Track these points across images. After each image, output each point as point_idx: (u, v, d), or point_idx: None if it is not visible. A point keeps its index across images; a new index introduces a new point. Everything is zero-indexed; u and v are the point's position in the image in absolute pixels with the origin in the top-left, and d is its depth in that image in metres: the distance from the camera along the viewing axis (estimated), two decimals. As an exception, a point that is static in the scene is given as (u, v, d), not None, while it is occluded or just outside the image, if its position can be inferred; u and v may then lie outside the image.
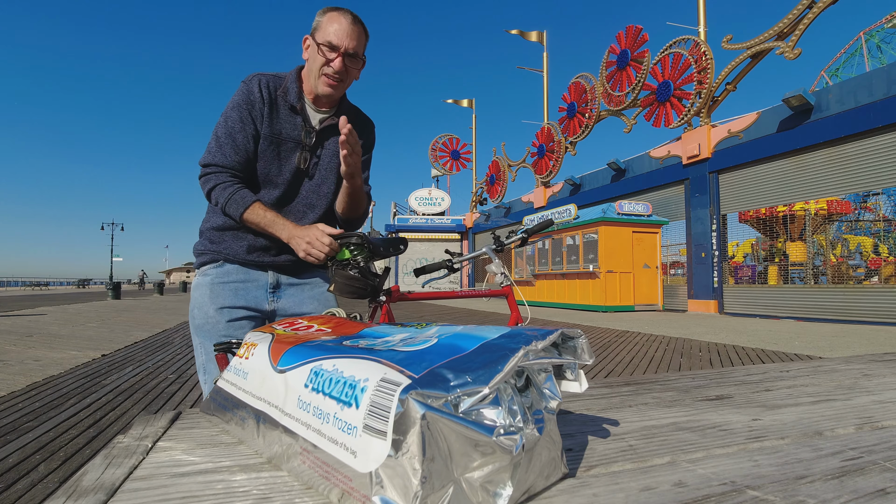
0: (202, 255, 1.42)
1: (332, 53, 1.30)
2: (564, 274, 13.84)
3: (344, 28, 1.30)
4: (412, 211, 26.78)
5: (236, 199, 1.28)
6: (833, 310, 9.04)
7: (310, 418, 0.34)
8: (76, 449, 2.39)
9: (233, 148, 1.31)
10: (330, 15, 1.32)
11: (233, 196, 1.28)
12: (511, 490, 0.29)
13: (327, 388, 0.34)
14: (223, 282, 1.38)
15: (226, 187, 1.28)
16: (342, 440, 0.31)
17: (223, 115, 1.34)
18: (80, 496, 0.36)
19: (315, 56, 1.31)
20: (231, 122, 1.32)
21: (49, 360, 4.93)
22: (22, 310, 12.34)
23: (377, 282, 1.50)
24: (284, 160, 1.38)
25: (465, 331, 0.37)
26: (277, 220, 1.30)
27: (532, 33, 20.72)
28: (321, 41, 1.30)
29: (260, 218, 1.29)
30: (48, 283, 72.80)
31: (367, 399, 0.30)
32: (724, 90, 11.27)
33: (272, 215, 1.30)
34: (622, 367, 4.66)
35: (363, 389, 0.31)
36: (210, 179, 1.30)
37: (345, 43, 1.31)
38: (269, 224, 1.29)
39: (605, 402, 0.64)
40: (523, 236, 2.05)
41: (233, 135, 1.31)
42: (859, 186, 9.02)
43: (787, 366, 0.88)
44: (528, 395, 0.33)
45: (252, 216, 1.29)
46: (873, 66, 26.48)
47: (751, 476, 0.38)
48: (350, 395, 0.31)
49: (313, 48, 1.31)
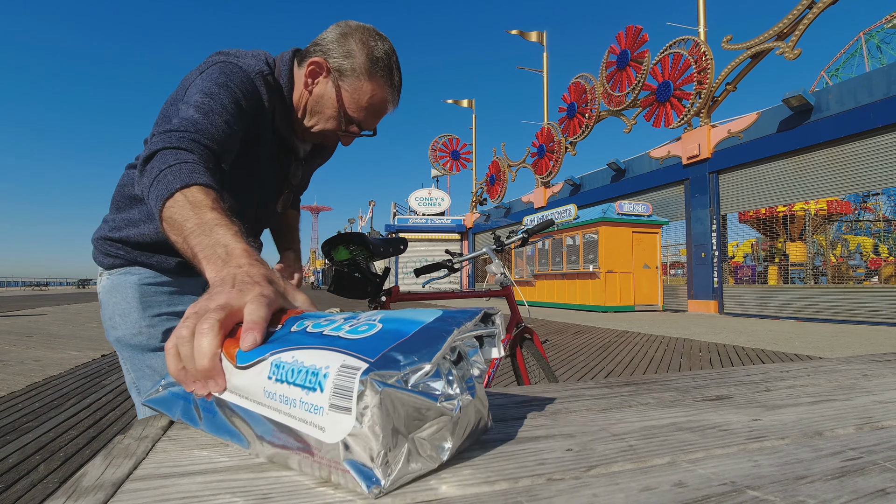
0: (114, 258, 1.08)
1: (349, 128, 1.02)
2: (564, 274, 13.84)
3: (381, 108, 1.01)
4: (412, 211, 26.79)
5: (186, 169, 0.71)
6: (833, 310, 9.04)
7: (277, 405, 0.39)
8: (76, 449, 2.39)
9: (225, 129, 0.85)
10: (377, 81, 0.97)
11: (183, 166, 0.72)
12: (451, 443, 0.38)
13: (290, 377, 0.38)
14: (155, 283, 1.09)
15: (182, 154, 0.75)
16: (310, 419, 0.36)
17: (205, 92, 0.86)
18: (80, 496, 0.36)
19: (324, 105, 0.99)
20: (225, 105, 0.86)
21: (49, 360, 4.93)
22: (22, 310, 12.34)
23: (377, 282, 1.50)
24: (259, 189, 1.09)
25: (404, 315, 0.43)
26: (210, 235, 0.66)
27: (532, 33, 20.73)
28: (348, 106, 0.97)
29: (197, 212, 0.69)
30: (48, 283, 72.85)
31: (330, 383, 0.35)
32: (724, 90, 11.27)
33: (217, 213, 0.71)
34: (622, 367, 4.66)
35: (325, 375, 0.35)
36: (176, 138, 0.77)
37: (370, 125, 1.03)
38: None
39: (605, 402, 0.64)
40: (524, 236, 2.05)
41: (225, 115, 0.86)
42: (859, 186, 9.02)
43: (787, 366, 0.88)
44: (461, 367, 0.40)
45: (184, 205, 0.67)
46: (873, 66, 26.49)
47: (751, 476, 0.38)
48: (314, 382, 0.36)
49: (329, 97, 0.97)
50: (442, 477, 0.39)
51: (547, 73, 19.85)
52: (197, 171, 0.72)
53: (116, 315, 1.09)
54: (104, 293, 1.11)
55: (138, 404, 1.13)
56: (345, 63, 0.95)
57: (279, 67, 0.99)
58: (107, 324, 1.11)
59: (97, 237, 1.11)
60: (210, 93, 0.86)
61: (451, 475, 0.39)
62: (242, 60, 0.94)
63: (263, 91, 0.94)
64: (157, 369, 1.10)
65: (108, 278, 1.11)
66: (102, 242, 1.10)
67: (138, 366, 1.10)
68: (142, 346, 1.08)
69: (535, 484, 0.38)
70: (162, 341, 1.09)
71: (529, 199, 19.35)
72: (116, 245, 1.09)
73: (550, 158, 17.47)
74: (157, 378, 1.10)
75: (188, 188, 0.67)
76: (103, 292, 1.11)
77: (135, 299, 1.08)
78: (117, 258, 1.09)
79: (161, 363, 1.09)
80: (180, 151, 0.75)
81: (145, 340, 1.08)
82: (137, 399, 1.13)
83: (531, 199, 19.17)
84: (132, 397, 1.16)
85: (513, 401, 0.66)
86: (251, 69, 0.94)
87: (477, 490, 0.37)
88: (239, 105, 0.89)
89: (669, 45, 12.30)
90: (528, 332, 2.01)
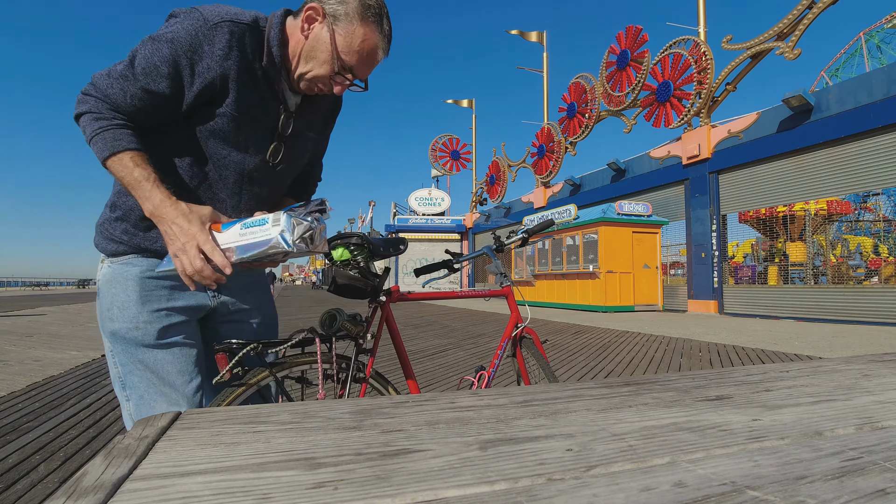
0: (118, 244, 1.10)
1: (342, 73, 1.06)
2: (564, 274, 13.84)
3: (372, 54, 1.06)
4: (412, 211, 26.78)
5: (108, 136, 0.95)
6: (833, 310, 9.04)
7: (247, 234, 1.00)
8: (76, 449, 2.39)
9: (140, 94, 0.97)
10: (368, 26, 1.03)
11: (106, 131, 0.95)
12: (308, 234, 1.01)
13: (251, 225, 1.00)
14: (156, 276, 1.09)
15: (100, 118, 0.96)
16: (264, 232, 0.98)
17: (153, 40, 0.98)
18: (80, 496, 0.36)
19: (318, 50, 1.04)
20: (159, 59, 0.97)
21: (49, 360, 4.92)
22: (22, 310, 12.34)
23: (377, 282, 1.50)
24: (249, 148, 1.11)
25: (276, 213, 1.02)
26: (147, 184, 0.96)
27: (532, 33, 20.72)
28: (341, 48, 1.03)
29: (126, 172, 0.96)
30: (48, 283, 72.82)
31: (270, 220, 0.99)
32: (724, 90, 11.27)
33: (142, 174, 0.96)
34: (622, 367, 4.66)
35: (265, 220, 0.99)
36: (88, 102, 0.97)
37: (362, 73, 1.08)
38: (133, 184, 0.96)
39: (605, 402, 0.64)
40: (524, 236, 2.05)
41: (151, 74, 0.97)
42: (859, 186, 9.02)
43: (787, 366, 0.88)
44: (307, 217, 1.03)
45: (117, 167, 0.96)
46: (873, 66, 26.48)
47: (751, 476, 0.38)
48: (262, 222, 0.99)
49: (323, 40, 1.03)
50: (442, 477, 0.39)
51: (547, 73, 19.85)
52: (125, 139, 0.97)
53: (115, 307, 1.08)
54: (104, 283, 1.11)
55: (122, 399, 1.12)
56: (339, 8, 1.02)
57: (270, 22, 1.06)
58: (103, 315, 1.10)
59: (101, 221, 1.13)
60: (155, 44, 0.97)
61: (451, 475, 0.39)
62: (209, 11, 1.00)
63: (223, 40, 0.99)
64: (148, 365, 1.08)
65: (109, 266, 1.11)
66: (106, 225, 1.11)
67: (129, 360, 1.09)
68: (137, 341, 1.07)
69: (535, 484, 0.38)
70: (158, 339, 1.08)
71: (529, 199, 19.35)
72: (119, 226, 1.09)
73: (550, 158, 17.46)
74: (146, 374, 1.09)
75: (123, 153, 0.96)
76: (103, 281, 1.11)
77: (135, 292, 1.08)
78: (121, 244, 1.09)
79: (154, 360, 1.09)
80: (102, 117, 0.97)
81: (141, 336, 1.07)
82: (122, 394, 1.11)
83: (531, 199, 19.16)
84: (116, 392, 1.14)
85: (513, 401, 0.66)
86: (213, 18, 0.99)
87: (477, 490, 0.37)
88: (179, 60, 0.98)
89: (669, 45, 12.30)
90: (528, 332, 2.01)
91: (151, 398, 1.10)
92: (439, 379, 4.05)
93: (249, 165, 1.12)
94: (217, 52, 0.99)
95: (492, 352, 5.42)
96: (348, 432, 0.54)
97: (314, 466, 0.42)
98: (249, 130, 1.09)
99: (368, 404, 0.67)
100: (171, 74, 0.98)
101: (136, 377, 1.09)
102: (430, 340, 6.44)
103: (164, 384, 1.10)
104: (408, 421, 0.58)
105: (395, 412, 0.62)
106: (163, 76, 0.97)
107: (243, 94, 1.05)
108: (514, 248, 2.07)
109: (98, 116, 0.96)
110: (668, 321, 9.34)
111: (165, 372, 1.10)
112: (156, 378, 1.10)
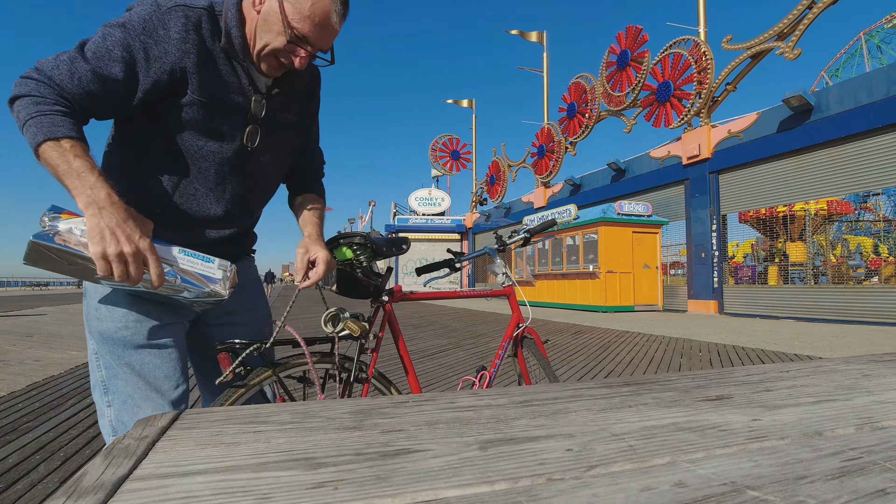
0: None
1: (298, 45, 1.02)
2: (564, 274, 13.84)
3: (325, 20, 1.02)
4: (412, 211, 26.79)
5: (45, 121, 0.87)
6: (833, 310, 9.03)
7: (186, 260, 1.01)
8: (76, 449, 2.39)
9: (90, 77, 0.92)
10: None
11: (44, 116, 0.87)
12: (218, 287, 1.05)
13: (192, 255, 1.03)
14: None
15: (40, 103, 0.87)
16: (207, 267, 1.04)
17: (104, 27, 0.95)
18: (80, 496, 0.36)
19: (270, 22, 1.01)
20: (111, 42, 0.93)
21: (49, 360, 4.93)
22: (22, 310, 12.34)
23: (380, 282, 1.50)
24: (224, 135, 1.07)
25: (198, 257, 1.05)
26: (90, 176, 0.88)
27: (532, 33, 20.71)
28: (291, 17, 1.00)
29: (61, 161, 0.87)
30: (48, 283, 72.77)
31: (216, 262, 1.05)
32: (724, 90, 11.27)
33: (84, 164, 0.88)
34: (622, 367, 4.66)
35: (211, 259, 1.04)
36: (27, 84, 0.88)
37: (320, 42, 1.04)
38: (69, 173, 0.87)
39: (605, 402, 0.64)
40: (526, 236, 2.05)
41: (101, 58, 0.93)
42: (859, 186, 9.02)
43: (787, 366, 0.88)
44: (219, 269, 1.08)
45: (52, 154, 0.87)
46: (873, 66, 26.49)
47: (751, 476, 0.38)
48: (207, 259, 1.04)
49: (273, 10, 1.00)
50: (442, 477, 0.39)
51: (547, 73, 19.85)
52: (63, 126, 0.88)
53: (103, 306, 1.05)
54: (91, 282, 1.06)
55: (102, 406, 1.07)
56: None
57: (226, 4, 1.04)
58: (91, 314, 1.07)
59: None
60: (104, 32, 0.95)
61: (451, 475, 0.39)
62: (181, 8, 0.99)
63: (178, 25, 0.98)
64: (135, 368, 1.05)
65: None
66: None
67: (115, 363, 1.06)
68: (125, 342, 1.04)
69: (535, 484, 0.38)
70: (148, 339, 1.06)
71: (529, 199, 19.35)
72: None
73: (550, 158, 17.46)
74: (132, 378, 1.05)
75: (60, 141, 0.87)
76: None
77: (124, 291, 1.04)
78: None
79: (141, 362, 1.06)
80: (43, 102, 0.88)
81: (130, 336, 1.04)
82: (102, 400, 1.07)
83: (531, 199, 19.16)
84: (95, 399, 1.08)
85: (513, 401, 0.66)
86: (167, 3, 0.98)
87: (477, 490, 0.37)
88: (127, 47, 0.95)
89: (669, 45, 12.30)
90: (529, 332, 2.01)
91: (136, 403, 1.05)
92: (439, 379, 4.05)
93: (227, 153, 1.09)
94: (173, 37, 0.97)
95: (492, 352, 5.42)
96: (348, 432, 0.54)
97: (314, 466, 0.42)
98: (221, 116, 1.06)
99: (368, 404, 0.67)
100: (124, 58, 0.94)
101: (120, 381, 1.05)
102: (430, 340, 6.44)
103: (150, 388, 1.06)
104: (408, 421, 0.58)
105: (395, 412, 0.62)
106: (115, 59, 0.94)
107: (207, 80, 1.02)
108: (516, 247, 2.07)
109: (38, 101, 0.88)
110: (668, 321, 9.34)
111: (153, 376, 1.06)
112: (142, 382, 1.06)
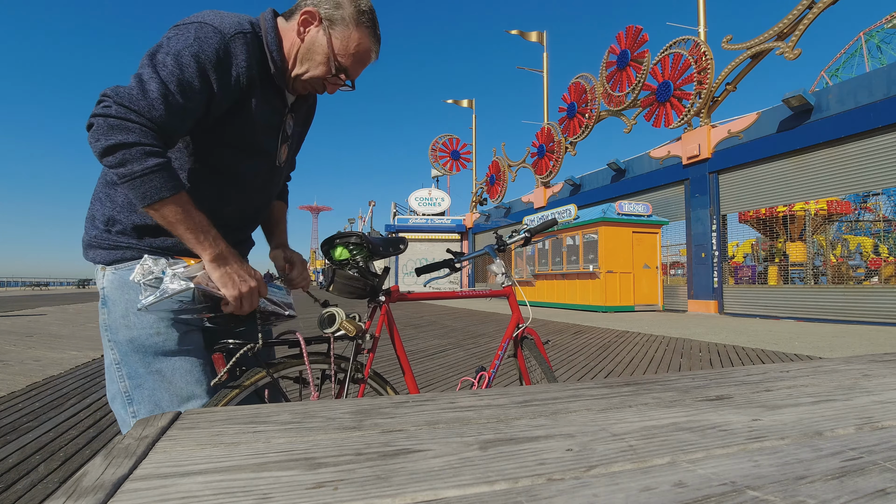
0: (125, 250, 1.04)
1: (337, 76, 1.10)
2: (564, 274, 13.84)
3: (365, 57, 1.12)
4: (412, 211, 26.78)
5: (164, 175, 0.89)
6: (833, 310, 9.03)
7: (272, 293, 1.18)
8: (76, 449, 2.39)
9: (183, 115, 0.94)
10: (363, 30, 1.08)
11: (160, 171, 0.89)
12: None
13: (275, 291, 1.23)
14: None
15: (151, 154, 0.88)
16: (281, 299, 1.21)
17: (172, 55, 0.93)
18: (80, 496, 0.36)
19: (315, 52, 1.07)
20: (188, 72, 0.94)
21: (49, 360, 4.92)
22: (22, 310, 12.34)
23: (376, 282, 1.50)
24: (264, 153, 1.13)
25: None
26: (212, 230, 0.97)
27: (532, 33, 20.71)
28: (338, 51, 1.07)
29: (184, 215, 0.92)
30: (48, 283, 72.78)
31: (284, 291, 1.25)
32: (724, 90, 11.27)
33: (203, 218, 0.96)
34: (622, 367, 4.66)
35: (282, 287, 1.27)
36: (131, 130, 0.87)
37: (355, 74, 1.13)
38: (193, 228, 0.94)
39: (605, 402, 0.64)
40: (526, 236, 2.05)
41: (186, 90, 0.94)
42: (859, 186, 9.02)
43: (787, 366, 0.88)
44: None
45: (174, 208, 0.91)
46: (873, 66, 26.49)
47: (751, 476, 0.38)
48: (280, 288, 1.24)
49: (320, 43, 1.06)
50: (442, 477, 0.39)
51: (547, 73, 19.84)
52: (178, 179, 0.93)
53: (131, 313, 1.01)
54: (114, 289, 1.03)
55: (126, 416, 1.03)
56: (335, 13, 1.06)
57: (262, 26, 1.07)
58: (117, 323, 1.02)
59: (92, 236, 1.06)
60: (178, 59, 0.93)
61: (451, 475, 0.39)
62: (217, 22, 1.00)
63: (242, 51, 1.01)
64: (166, 375, 1.03)
65: (114, 272, 1.03)
66: (101, 239, 1.05)
67: (144, 371, 1.02)
68: (157, 349, 1.02)
69: (535, 484, 0.38)
70: (179, 345, 1.04)
71: (529, 199, 19.34)
72: (122, 239, 1.04)
73: (550, 158, 17.46)
74: (160, 385, 1.03)
75: (182, 193, 0.93)
76: (112, 287, 1.03)
77: None
78: (128, 249, 1.03)
79: (172, 368, 1.04)
80: (153, 152, 0.89)
81: (162, 342, 1.02)
82: (125, 411, 1.02)
83: (531, 199, 19.16)
84: (114, 410, 1.05)
85: (513, 401, 0.66)
86: (228, 31, 1.00)
87: (477, 490, 0.37)
88: (205, 77, 0.96)
89: (669, 45, 12.30)
90: (529, 333, 2.01)
91: (163, 410, 1.02)
92: (439, 379, 4.05)
93: (262, 168, 1.14)
94: (241, 63, 1.01)
95: (492, 352, 5.42)
96: (348, 432, 0.54)
97: (314, 466, 0.42)
98: (266, 135, 1.12)
99: (368, 404, 0.67)
100: (204, 90, 0.97)
101: (146, 390, 1.02)
102: (430, 340, 6.44)
103: (178, 394, 1.04)
104: (408, 421, 0.58)
105: (396, 412, 0.62)
106: (197, 92, 0.96)
107: (259, 101, 1.06)
108: (516, 247, 2.07)
109: (148, 152, 0.88)
110: (668, 321, 9.33)
111: (184, 381, 1.05)
112: (172, 389, 1.04)
